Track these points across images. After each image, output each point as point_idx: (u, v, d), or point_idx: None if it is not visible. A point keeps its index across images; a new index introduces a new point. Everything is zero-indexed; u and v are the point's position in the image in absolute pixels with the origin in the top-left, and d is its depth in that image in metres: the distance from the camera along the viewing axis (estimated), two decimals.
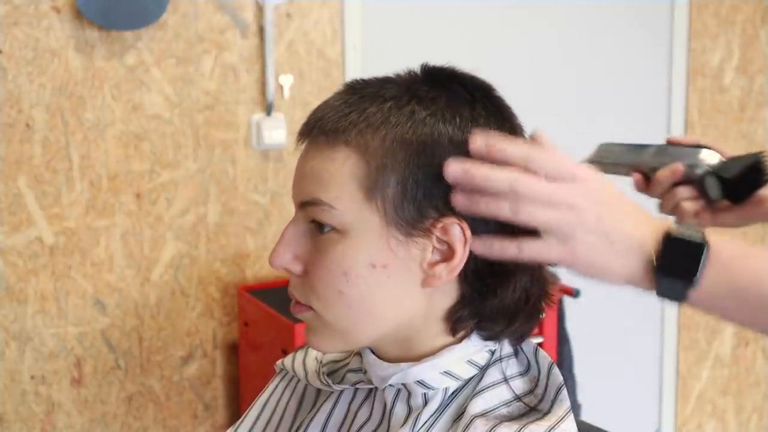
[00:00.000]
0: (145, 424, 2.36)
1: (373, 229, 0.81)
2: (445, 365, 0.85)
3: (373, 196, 0.81)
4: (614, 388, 3.02)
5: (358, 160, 0.81)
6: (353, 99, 0.83)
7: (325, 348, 0.86)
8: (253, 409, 1.01)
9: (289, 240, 0.85)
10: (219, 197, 2.34)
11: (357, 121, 0.82)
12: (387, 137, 0.81)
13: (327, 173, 0.82)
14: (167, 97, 2.26)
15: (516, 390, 0.85)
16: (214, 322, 2.40)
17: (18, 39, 2.10)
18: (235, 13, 2.31)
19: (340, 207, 0.81)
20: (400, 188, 0.80)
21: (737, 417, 3.29)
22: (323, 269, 0.82)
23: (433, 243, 0.81)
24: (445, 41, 2.60)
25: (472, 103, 0.83)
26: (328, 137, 0.82)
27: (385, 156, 0.80)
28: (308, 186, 0.83)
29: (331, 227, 0.82)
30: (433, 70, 0.86)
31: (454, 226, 0.81)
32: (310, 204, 0.83)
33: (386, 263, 0.81)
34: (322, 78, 2.43)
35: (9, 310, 2.17)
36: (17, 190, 2.14)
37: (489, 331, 0.86)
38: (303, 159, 0.85)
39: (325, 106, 0.85)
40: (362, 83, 0.86)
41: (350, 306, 0.82)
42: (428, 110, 0.82)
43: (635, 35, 2.93)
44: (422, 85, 0.84)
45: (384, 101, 0.82)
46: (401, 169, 0.80)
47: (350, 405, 0.92)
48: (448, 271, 0.82)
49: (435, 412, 0.84)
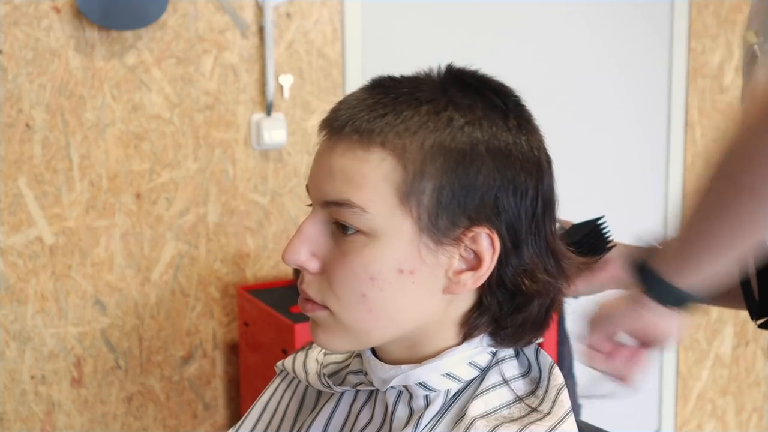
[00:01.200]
0: (145, 424, 2.36)
1: (404, 235, 0.80)
2: (446, 367, 0.84)
3: (407, 202, 0.79)
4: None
5: (395, 163, 0.79)
6: (387, 99, 0.81)
7: (333, 347, 0.86)
8: (253, 410, 1.00)
9: (306, 237, 0.83)
10: (219, 197, 2.34)
11: (394, 123, 0.79)
12: (425, 142, 0.79)
13: (360, 174, 0.79)
14: (167, 97, 2.26)
15: (517, 391, 0.85)
16: (214, 322, 2.40)
17: (18, 39, 2.10)
18: (235, 13, 2.31)
19: (373, 211, 0.79)
20: (436, 196, 0.79)
21: (737, 417, 3.29)
22: (348, 272, 0.81)
23: (460, 251, 0.81)
24: (445, 41, 2.60)
25: (506, 113, 0.83)
26: (362, 137, 0.80)
27: (423, 162, 0.79)
28: (337, 185, 0.80)
29: (357, 230, 0.80)
30: (463, 74, 0.85)
31: (484, 235, 0.80)
32: (338, 204, 0.80)
33: (414, 269, 0.80)
34: (322, 78, 2.43)
35: (9, 310, 2.17)
36: (17, 190, 2.14)
37: (499, 338, 0.86)
38: (329, 155, 0.82)
39: (354, 102, 0.82)
40: (393, 82, 0.84)
41: (371, 309, 0.81)
42: (465, 117, 0.80)
43: (635, 35, 2.92)
44: (456, 90, 0.82)
45: (420, 104, 0.80)
46: (439, 176, 0.79)
47: (351, 407, 0.92)
48: (474, 280, 0.81)
49: (437, 414, 0.84)
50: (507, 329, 0.85)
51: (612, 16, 2.87)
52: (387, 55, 2.49)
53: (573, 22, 2.81)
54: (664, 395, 3.17)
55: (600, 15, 2.86)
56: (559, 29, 2.78)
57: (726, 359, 3.22)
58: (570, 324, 2.45)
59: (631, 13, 2.91)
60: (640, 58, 2.94)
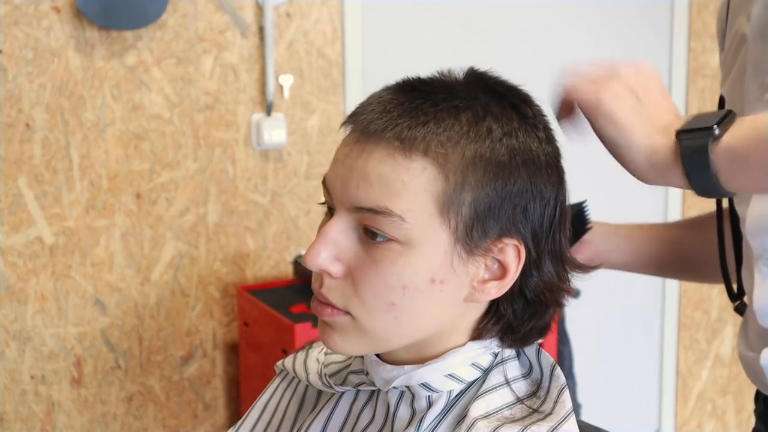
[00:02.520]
0: (145, 424, 2.36)
1: (440, 246, 0.79)
2: (449, 368, 0.85)
3: (446, 213, 0.78)
4: (614, 388, 3.02)
5: (436, 173, 0.78)
6: (426, 105, 0.79)
7: (348, 351, 0.84)
8: (253, 410, 1.00)
9: (331, 241, 0.81)
10: (219, 197, 2.34)
11: (436, 131, 0.78)
12: (467, 153, 0.78)
13: (400, 182, 0.78)
14: (167, 97, 2.26)
15: (518, 392, 0.85)
16: (214, 322, 2.40)
17: (18, 39, 2.10)
18: (235, 13, 2.31)
19: (411, 220, 0.78)
20: (474, 207, 0.79)
21: (737, 417, 3.29)
22: (379, 279, 0.79)
23: (487, 261, 0.81)
24: (445, 41, 2.60)
25: (535, 123, 0.83)
26: (403, 143, 0.78)
27: (465, 172, 0.78)
28: (373, 192, 0.78)
29: (390, 237, 0.78)
30: (489, 80, 0.84)
31: (512, 246, 0.81)
32: (374, 212, 0.78)
33: (444, 279, 0.80)
34: (322, 78, 2.43)
35: (9, 310, 2.17)
36: (17, 190, 2.14)
37: (506, 341, 0.86)
38: (365, 160, 0.79)
39: (391, 107, 0.80)
40: (426, 85, 0.82)
41: (398, 317, 0.81)
42: (503, 129, 0.80)
43: (635, 35, 2.92)
44: (489, 98, 0.82)
45: (459, 112, 0.80)
46: (478, 187, 0.79)
47: (352, 406, 0.92)
48: (497, 289, 0.82)
49: (439, 415, 0.84)
50: (517, 334, 0.85)
51: (612, 16, 2.87)
52: (387, 55, 2.49)
53: (573, 22, 2.81)
54: (664, 395, 3.17)
55: (600, 15, 2.86)
56: (559, 29, 2.78)
57: (726, 359, 3.22)
58: (570, 324, 2.45)
59: (631, 13, 2.91)
60: (639, 58, 2.94)
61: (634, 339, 3.10)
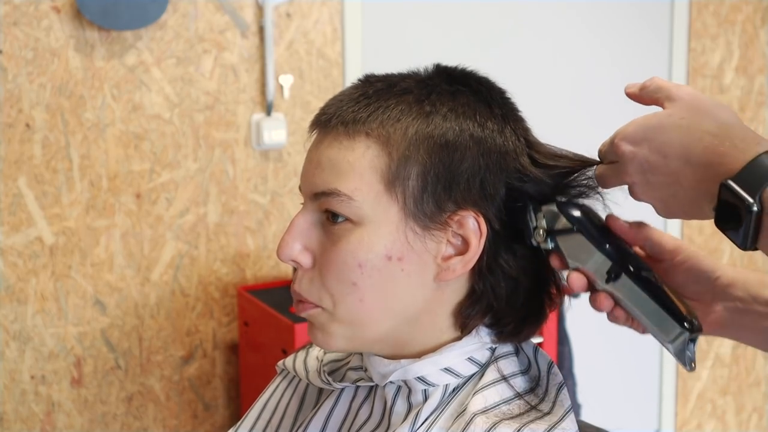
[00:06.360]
0: (145, 424, 2.36)
1: (391, 221, 0.81)
2: (445, 362, 0.85)
3: (393, 188, 0.81)
4: (614, 388, 3.02)
5: (380, 151, 0.81)
6: (371, 91, 0.84)
7: (331, 346, 0.86)
8: (253, 409, 1.01)
9: (298, 231, 0.84)
10: (219, 197, 2.34)
11: (378, 113, 0.81)
12: (409, 129, 0.81)
13: (346, 163, 0.81)
14: (167, 97, 2.26)
15: (517, 388, 0.85)
16: (213, 322, 2.40)
17: (18, 39, 2.10)
18: (235, 13, 2.31)
19: (359, 198, 0.81)
20: (421, 181, 0.81)
21: (737, 417, 3.29)
22: (337, 260, 0.82)
23: (447, 236, 0.82)
24: (444, 41, 2.60)
25: (489, 102, 0.84)
26: (347, 127, 0.82)
27: (407, 148, 0.80)
28: (324, 176, 0.82)
29: (345, 218, 0.81)
30: (449, 69, 0.87)
31: (470, 218, 0.81)
32: (326, 195, 0.82)
33: (402, 256, 0.81)
34: (322, 78, 2.43)
35: (9, 310, 2.17)
36: (17, 190, 2.14)
37: (498, 331, 0.86)
38: (317, 149, 0.85)
39: (341, 97, 0.85)
40: (379, 77, 0.86)
41: (362, 299, 0.82)
42: (448, 106, 0.82)
43: (635, 35, 2.92)
44: (440, 81, 0.84)
45: (403, 93, 0.83)
46: (423, 161, 0.80)
47: (351, 403, 0.92)
48: (462, 265, 0.82)
49: (435, 409, 0.84)
50: (504, 319, 0.85)
51: (612, 15, 2.88)
52: (387, 55, 2.49)
53: (573, 22, 2.81)
54: (664, 395, 3.17)
55: (600, 15, 2.86)
56: (558, 29, 2.78)
57: (726, 359, 3.22)
58: (570, 324, 2.45)
59: (630, 13, 2.91)
60: (639, 58, 2.94)
61: (634, 339, 3.09)
